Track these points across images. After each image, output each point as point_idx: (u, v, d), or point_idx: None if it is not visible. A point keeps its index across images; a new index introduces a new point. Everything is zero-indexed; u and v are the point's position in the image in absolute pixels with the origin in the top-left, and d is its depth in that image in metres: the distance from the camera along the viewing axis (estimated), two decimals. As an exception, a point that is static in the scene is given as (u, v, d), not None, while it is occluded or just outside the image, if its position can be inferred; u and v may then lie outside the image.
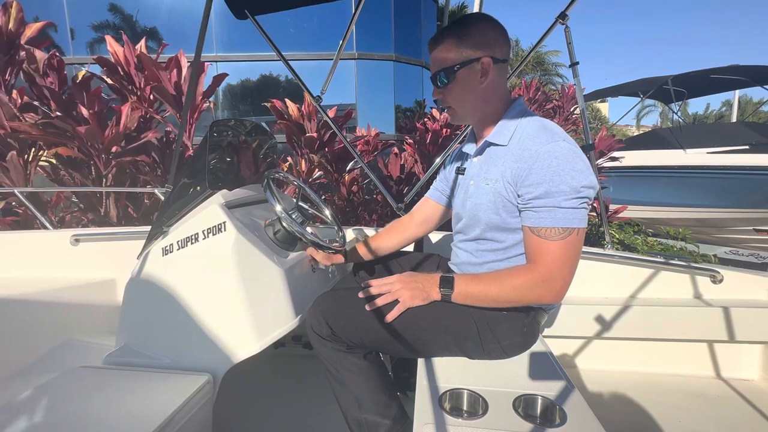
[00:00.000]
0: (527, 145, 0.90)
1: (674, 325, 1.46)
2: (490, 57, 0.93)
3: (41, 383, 0.97)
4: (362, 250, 1.30)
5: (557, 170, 0.84)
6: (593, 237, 3.70)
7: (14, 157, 2.41)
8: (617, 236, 4.17)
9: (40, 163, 2.60)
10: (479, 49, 0.93)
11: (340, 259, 1.28)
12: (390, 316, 0.93)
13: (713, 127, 8.18)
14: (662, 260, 1.53)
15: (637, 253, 1.76)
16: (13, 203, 2.56)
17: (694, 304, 1.47)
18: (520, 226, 0.94)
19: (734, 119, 12.51)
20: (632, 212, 5.18)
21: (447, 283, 0.94)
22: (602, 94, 8.49)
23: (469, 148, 1.09)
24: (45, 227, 2.09)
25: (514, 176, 0.90)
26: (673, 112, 7.36)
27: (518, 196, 0.90)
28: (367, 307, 0.95)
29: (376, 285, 0.98)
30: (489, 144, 1.00)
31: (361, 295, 0.98)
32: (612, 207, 3.88)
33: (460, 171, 1.13)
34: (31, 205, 2.15)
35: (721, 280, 1.48)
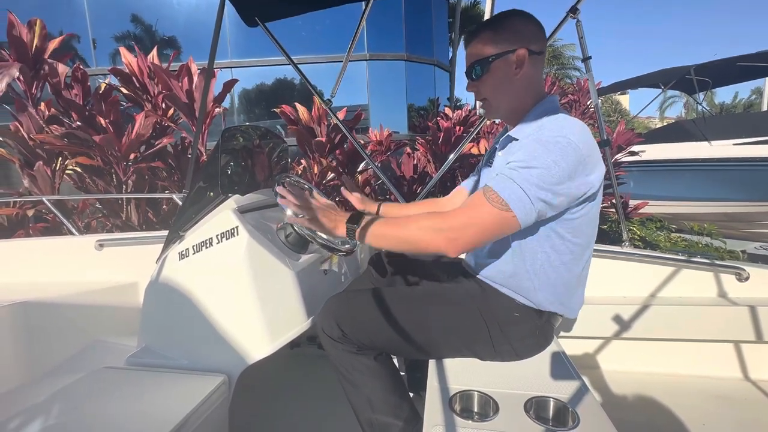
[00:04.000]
0: (531, 134, 0.89)
1: (697, 324, 1.41)
2: (526, 49, 0.93)
3: (69, 383, 1.01)
4: (394, 211, 1.34)
5: (534, 154, 0.82)
6: (612, 235, 3.60)
7: (41, 166, 2.53)
8: (639, 233, 4.04)
9: (67, 171, 2.72)
10: (515, 41, 0.93)
11: (372, 207, 1.32)
12: (301, 221, 0.94)
13: (740, 117, 7.84)
14: (684, 258, 1.48)
15: (658, 251, 1.71)
16: (43, 210, 2.69)
17: (718, 303, 1.42)
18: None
19: (765, 108, 11.93)
20: (655, 208, 5.01)
21: (354, 218, 0.93)
22: (622, 86, 8.23)
23: (499, 141, 1.10)
24: (71, 233, 2.18)
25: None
26: (698, 102, 7.09)
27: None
28: (281, 202, 0.95)
29: (294, 199, 0.96)
30: (510, 138, 1.00)
31: (280, 201, 0.96)
32: (632, 203, 3.77)
33: (488, 164, 1.13)
34: (58, 212, 2.25)
35: (747, 278, 1.42)
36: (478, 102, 1.05)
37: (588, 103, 6.06)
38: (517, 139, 0.96)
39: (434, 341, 0.97)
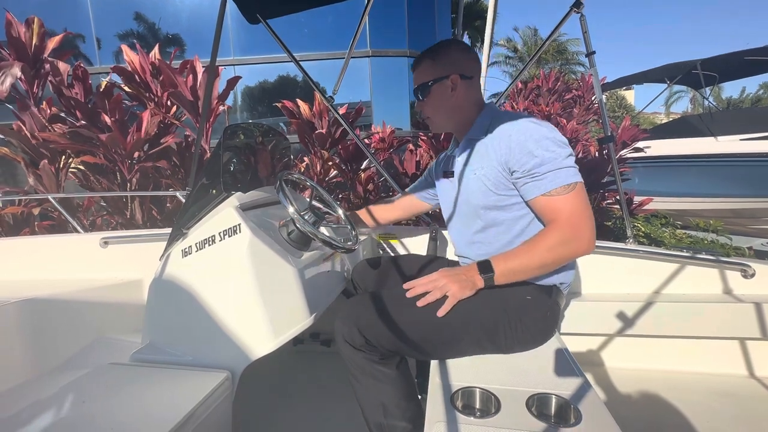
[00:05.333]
0: (503, 128, 1.00)
1: (702, 321, 1.40)
2: (459, 75, 1.09)
3: (73, 379, 1.02)
4: (361, 216, 1.53)
5: (540, 136, 0.93)
6: (617, 231, 3.58)
7: (46, 165, 2.54)
8: (643, 229, 4.01)
9: (72, 169, 2.74)
10: (450, 68, 1.10)
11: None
12: (442, 311, 0.94)
13: (746, 112, 7.74)
14: (689, 255, 1.47)
15: (662, 247, 1.70)
16: (48, 208, 2.71)
17: (723, 300, 1.41)
18: (516, 202, 1.00)
19: (772, 102, 11.76)
20: (660, 204, 4.98)
21: (486, 267, 0.96)
22: (627, 82, 8.16)
23: (453, 151, 1.21)
24: (77, 231, 2.20)
25: (499, 156, 0.98)
26: (704, 97, 7.01)
27: (512, 172, 0.97)
28: (419, 303, 0.96)
29: (421, 284, 0.99)
30: (468, 140, 1.10)
31: (410, 293, 0.98)
32: (637, 199, 3.74)
33: (447, 175, 1.20)
34: (63, 210, 2.26)
35: (753, 275, 1.41)
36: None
37: (592, 98, 6.00)
38: (477, 138, 1.07)
39: (458, 339, 0.96)
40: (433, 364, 0.96)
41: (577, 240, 0.91)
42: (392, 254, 1.77)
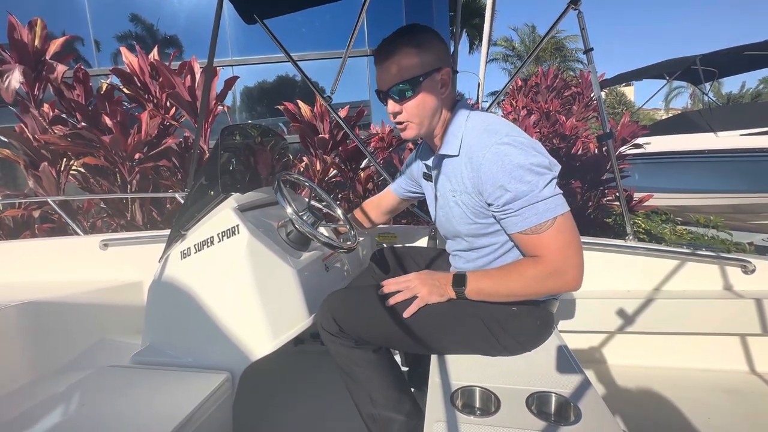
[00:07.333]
0: (474, 152, 0.89)
1: (702, 317, 1.40)
2: (449, 67, 0.93)
3: (73, 382, 1.02)
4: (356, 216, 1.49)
5: (513, 166, 0.82)
6: (617, 228, 3.58)
7: (46, 167, 2.54)
8: (643, 226, 4.01)
9: (72, 171, 2.74)
10: (438, 59, 0.92)
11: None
12: (408, 312, 0.94)
13: (746, 107, 7.73)
14: (689, 251, 1.47)
15: (663, 244, 1.70)
16: (49, 211, 2.71)
17: (723, 296, 1.41)
18: (498, 229, 0.94)
19: (772, 97, 11.73)
20: (660, 200, 4.97)
21: (459, 281, 0.94)
22: (626, 78, 8.13)
23: (427, 157, 1.10)
24: (77, 233, 2.20)
25: (474, 186, 0.90)
26: (703, 93, 6.99)
27: (488, 204, 0.89)
28: (390, 302, 0.96)
29: (394, 282, 0.99)
30: (443, 157, 1.00)
31: (384, 290, 0.99)
32: (637, 196, 3.74)
33: (426, 177, 1.14)
34: (63, 212, 2.27)
35: (753, 271, 1.41)
36: (399, 121, 0.97)
37: (591, 95, 5.99)
38: (452, 156, 0.96)
39: (435, 337, 0.97)
40: (433, 361, 0.96)
41: (557, 278, 0.84)
42: None
